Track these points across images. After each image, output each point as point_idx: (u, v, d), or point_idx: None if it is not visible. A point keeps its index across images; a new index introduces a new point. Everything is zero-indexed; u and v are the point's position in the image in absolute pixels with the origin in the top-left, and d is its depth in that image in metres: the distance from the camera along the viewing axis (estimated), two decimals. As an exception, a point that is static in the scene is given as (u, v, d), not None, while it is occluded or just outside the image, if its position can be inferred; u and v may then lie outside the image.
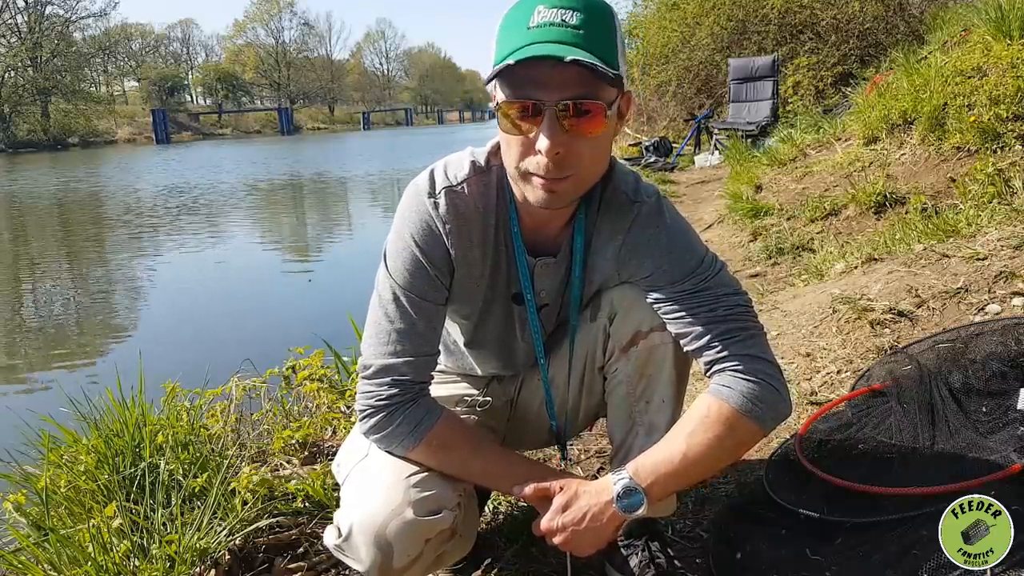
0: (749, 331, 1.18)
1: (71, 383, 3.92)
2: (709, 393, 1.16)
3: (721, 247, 4.43)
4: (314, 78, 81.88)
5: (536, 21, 1.02)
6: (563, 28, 1.01)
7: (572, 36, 1.01)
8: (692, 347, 1.20)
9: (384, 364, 1.17)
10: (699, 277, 1.19)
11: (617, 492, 1.13)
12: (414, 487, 1.15)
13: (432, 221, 1.17)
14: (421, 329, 1.19)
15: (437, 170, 1.20)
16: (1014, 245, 2.58)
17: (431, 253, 1.17)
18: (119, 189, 16.15)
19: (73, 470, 1.82)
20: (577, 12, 1.02)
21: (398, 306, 1.18)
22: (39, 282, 7.30)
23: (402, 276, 1.18)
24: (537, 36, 1.01)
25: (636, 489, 1.13)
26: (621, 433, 1.33)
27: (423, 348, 1.19)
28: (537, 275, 1.26)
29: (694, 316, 1.18)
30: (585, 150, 1.06)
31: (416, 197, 1.19)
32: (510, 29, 1.05)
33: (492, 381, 1.47)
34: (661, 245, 1.21)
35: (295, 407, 2.27)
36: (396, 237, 1.19)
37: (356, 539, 1.14)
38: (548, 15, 1.01)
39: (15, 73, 49.80)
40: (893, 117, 4.47)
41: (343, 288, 6.22)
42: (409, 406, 1.18)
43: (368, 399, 1.19)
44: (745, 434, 1.15)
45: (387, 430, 1.18)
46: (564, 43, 1.00)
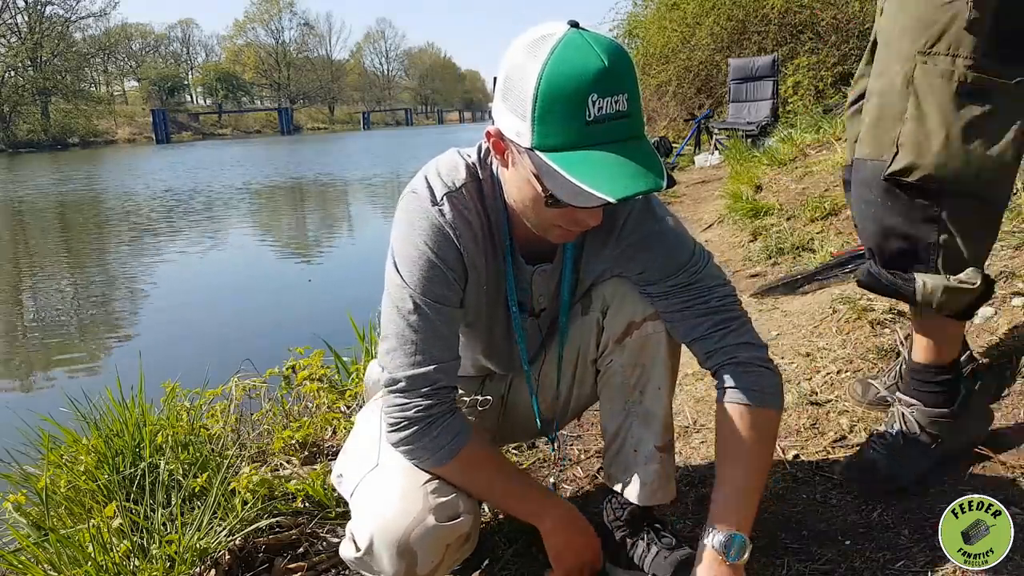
0: (740, 319, 1.26)
1: (71, 383, 3.92)
2: (724, 403, 1.22)
3: (721, 247, 4.43)
4: (314, 78, 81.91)
5: (594, 115, 0.95)
6: (620, 121, 0.96)
7: (628, 129, 0.97)
8: (689, 337, 1.26)
9: (415, 374, 1.15)
10: (691, 270, 1.24)
11: (733, 556, 1.17)
12: (432, 493, 1.15)
13: (442, 227, 1.16)
14: (444, 334, 1.18)
15: (431, 175, 1.18)
16: (1014, 245, 2.57)
17: (447, 257, 1.16)
18: (118, 189, 16.15)
19: (73, 470, 1.82)
20: (624, 94, 0.96)
21: (420, 315, 1.16)
22: (39, 282, 7.30)
23: (420, 284, 1.15)
24: (600, 136, 0.95)
25: (732, 535, 1.17)
26: (615, 423, 1.34)
27: (447, 353, 1.19)
28: (535, 283, 1.28)
29: (689, 308, 1.24)
30: None
31: (419, 205, 1.17)
32: (562, 113, 0.95)
33: (485, 380, 1.48)
34: (653, 242, 1.24)
35: (295, 407, 2.27)
36: (408, 247, 1.16)
37: (378, 550, 1.12)
38: (604, 105, 0.95)
39: (15, 73, 49.79)
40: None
41: (343, 288, 6.22)
42: (447, 418, 1.18)
43: (404, 411, 1.16)
44: (771, 423, 1.24)
45: (421, 442, 1.17)
46: (623, 141, 0.97)
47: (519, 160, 1.05)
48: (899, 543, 1.43)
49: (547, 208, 1.05)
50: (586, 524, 1.31)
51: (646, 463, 1.33)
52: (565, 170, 0.95)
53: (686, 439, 2.00)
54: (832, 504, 1.60)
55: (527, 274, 1.26)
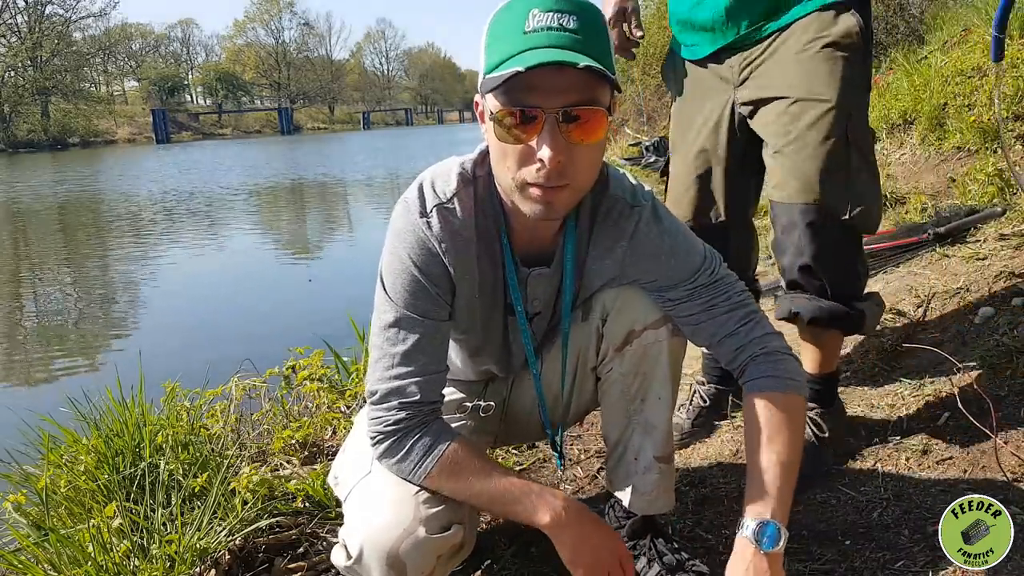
0: (758, 312, 1.26)
1: (71, 383, 3.92)
2: (755, 391, 1.19)
3: (721, 247, 4.43)
4: (314, 78, 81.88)
5: (532, 26, 0.98)
6: (562, 33, 0.98)
7: (571, 41, 0.98)
8: (717, 336, 1.24)
9: (390, 388, 1.15)
10: (707, 272, 1.23)
11: (767, 545, 1.09)
12: (423, 504, 1.13)
13: (428, 240, 1.14)
14: (426, 347, 1.16)
15: (425, 185, 1.17)
16: (1014, 245, 2.58)
17: (430, 272, 1.15)
18: (119, 190, 16.15)
19: (73, 470, 1.82)
20: (573, 16, 0.99)
21: (400, 327, 1.15)
22: (39, 282, 7.30)
23: (402, 297, 1.15)
24: (536, 41, 0.98)
25: (765, 523, 1.10)
26: (617, 432, 1.33)
27: (429, 367, 1.16)
28: (530, 285, 1.25)
29: (714, 307, 1.23)
30: (584, 157, 1.03)
31: (408, 216, 1.16)
32: (503, 34, 1.01)
33: (487, 384, 1.47)
34: (665, 249, 1.22)
35: (295, 407, 2.27)
36: (393, 258, 1.16)
37: (368, 560, 1.11)
38: (545, 19, 0.98)
39: (15, 73, 49.82)
40: (893, 117, 4.47)
41: (343, 288, 6.21)
42: (419, 430, 1.15)
43: (377, 425, 1.16)
44: (800, 410, 1.20)
45: (399, 454, 1.15)
46: (565, 48, 0.97)
47: (484, 107, 1.06)
48: (899, 543, 1.43)
49: (507, 154, 1.03)
50: (596, 517, 1.21)
51: (645, 472, 1.32)
52: (491, 73, 0.99)
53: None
54: (832, 504, 1.60)
55: (523, 276, 1.25)
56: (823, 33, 1.56)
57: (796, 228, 1.57)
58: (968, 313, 2.25)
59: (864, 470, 1.71)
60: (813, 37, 1.57)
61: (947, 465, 1.66)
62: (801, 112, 1.55)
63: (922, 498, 1.55)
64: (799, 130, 1.55)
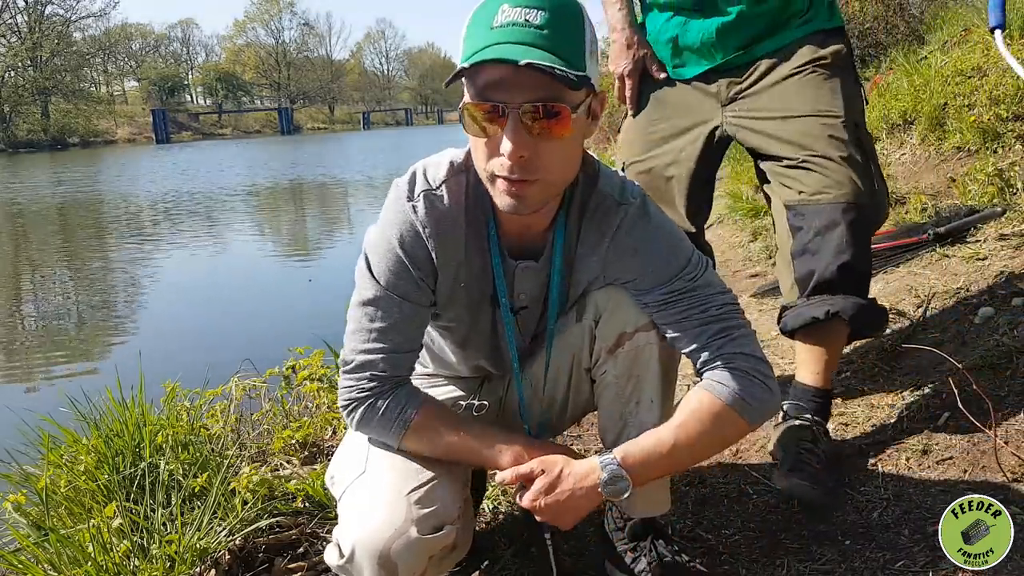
0: (740, 329, 1.20)
1: (71, 383, 3.92)
2: (702, 387, 1.18)
3: (721, 247, 4.43)
4: (314, 78, 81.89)
5: (499, 21, 1.00)
6: (526, 28, 1.00)
7: (534, 36, 0.99)
8: (686, 348, 1.21)
9: (364, 360, 1.18)
10: (687, 278, 1.20)
11: (604, 479, 1.14)
12: (416, 504, 1.14)
13: (413, 223, 1.17)
14: (402, 328, 1.19)
15: (418, 172, 1.20)
16: (1014, 245, 2.58)
17: (414, 256, 1.17)
18: (119, 190, 16.15)
19: (73, 470, 1.82)
20: (541, 11, 1.00)
21: (379, 305, 1.18)
22: (39, 282, 7.30)
23: (385, 277, 1.17)
24: (499, 36, 1.00)
25: (623, 476, 1.14)
26: (613, 435, 1.32)
27: (403, 345, 1.20)
28: (518, 278, 1.25)
29: (685, 318, 1.20)
30: (552, 153, 1.05)
31: (397, 200, 1.18)
32: (475, 28, 1.04)
33: (483, 382, 1.47)
34: (647, 248, 1.21)
35: (295, 407, 2.27)
36: (380, 238, 1.19)
37: (359, 560, 1.12)
38: (512, 14, 1.00)
39: (15, 73, 49.85)
40: (893, 117, 4.47)
41: (343, 288, 6.18)
42: (389, 395, 1.19)
43: (348, 393, 1.20)
44: (733, 429, 1.19)
45: (374, 420, 1.19)
46: (525, 44, 0.98)
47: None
48: (899, 543, 1.43)
49: (478, 147, 1.07)
50: (561, 458, 1.19)
51: None
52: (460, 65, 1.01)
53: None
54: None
55: (510, 269, 1.24)
56: (816, 56, 1.68)
57: (838, 226, 1.59)
58: (968, 313, 2.24)
59: (864, 470, 1.71)
60: (808, 60, 1.68)
61: (947, 465, 1.66)
62: (816, 124, 1.63)
63: (922, 498, 1.55)
64: (822, 139, 1.62)
